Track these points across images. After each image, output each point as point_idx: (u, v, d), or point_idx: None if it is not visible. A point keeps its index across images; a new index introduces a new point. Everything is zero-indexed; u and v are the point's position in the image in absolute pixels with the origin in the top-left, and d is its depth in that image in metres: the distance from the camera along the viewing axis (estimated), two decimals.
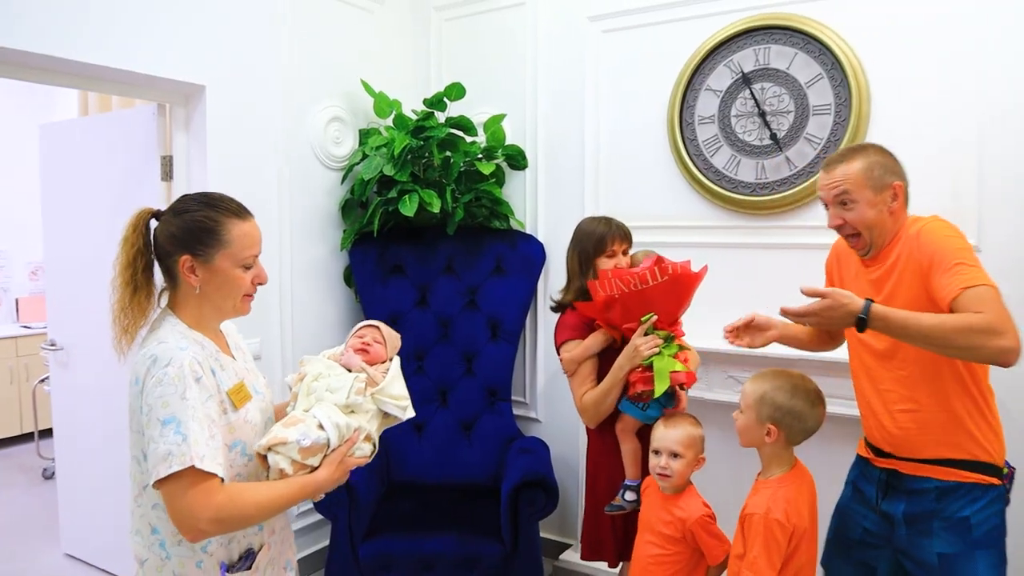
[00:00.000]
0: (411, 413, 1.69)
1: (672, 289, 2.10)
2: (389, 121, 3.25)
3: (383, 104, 3.18)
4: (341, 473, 1.51)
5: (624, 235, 2.34)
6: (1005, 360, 1.51)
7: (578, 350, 2.25)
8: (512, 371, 3.20)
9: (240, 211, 1.53)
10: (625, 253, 2.34)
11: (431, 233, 3.25)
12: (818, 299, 1.63)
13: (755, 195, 2.76)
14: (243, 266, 1.51)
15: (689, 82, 2.86)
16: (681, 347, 2.15)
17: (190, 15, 2.60)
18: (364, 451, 1.57)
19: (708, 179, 2.84)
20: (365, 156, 3.14)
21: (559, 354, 2.32)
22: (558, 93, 3.20)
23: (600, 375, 2.23)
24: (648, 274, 2.07)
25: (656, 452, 2.02)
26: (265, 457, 1.46)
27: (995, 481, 1.72)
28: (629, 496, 2.22)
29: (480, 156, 3.18)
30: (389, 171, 3.00)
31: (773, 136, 2.71)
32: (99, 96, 3.98)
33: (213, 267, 1.48)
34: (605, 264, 2.32)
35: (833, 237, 2.58)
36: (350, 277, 3.25)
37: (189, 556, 1.46)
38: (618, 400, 2.19)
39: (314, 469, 1.49)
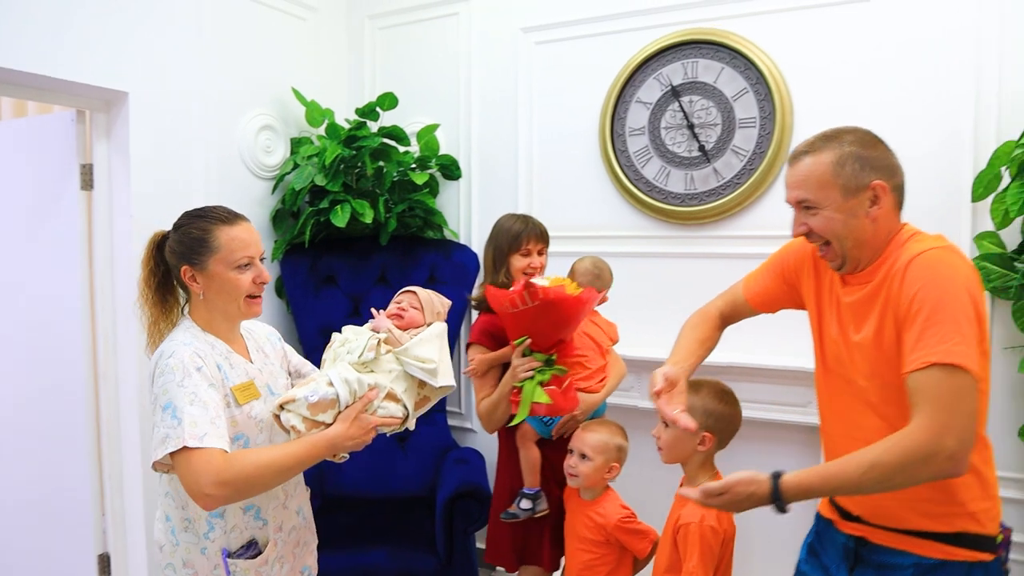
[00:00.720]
0: (445, 380, 1.71)
1: (544, 314, 2.00)
2: (321, 130, 3.20)
3: (315, 113, 3.14)
4: (359, 430, 1.57)
5: (540, 234, 2.35)
6: (948, 477, 1.28)
7: (485, 356, 2.25)
8: None
9: (228, 217, 1.63)
10: (541, 253, 2.35)
11: (364, 243, 3.22)
12: (720, 489, 1.37)
13: (684, 205, 2.81)
14: (237, 267, 1.59)
15: (620, 94, 2.90)
16: (562, 370, 2.08)
17: (110, 18, 2.51)
18: (389, 411, 1.64)
19: (639, 189, 2.88)
20: (296, 166, 3.09)
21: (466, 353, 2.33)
22: (491, 103, 3.20)
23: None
24: (517, 298, 2.01)
25: (569, 451, 2.12)
26: (279, 417, 1.54)
27: (987, 557, 1.40)
28: (524, 504, 2.24)
29: (413, 166, 3.16)
30: (320, 181, 2.96)
31: (701, 148, 2.77)
32: (14, 102, 3.82)
33: (209, 273, 1.58)
34: (519, 263, 2.33)
35: (762, 247, 2.70)
36: (282, 288, 3.19)
37: (194, 543, 1.58)
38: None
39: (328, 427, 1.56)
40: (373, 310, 1.83)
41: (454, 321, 3.17)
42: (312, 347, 3.12)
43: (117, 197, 2.67)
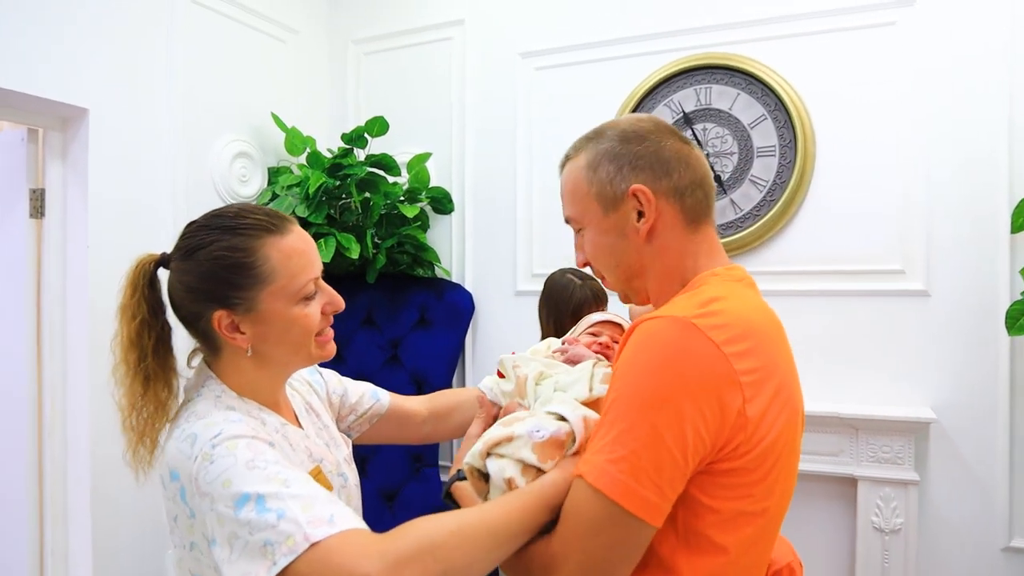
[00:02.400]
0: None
1: None
2: (302, 159, 2.95)
3: (296, 140, 2.89)
4: None
5: (600, 301, 2.10)
6: None
7: None
8: None
9: (273, 223, 1.09)
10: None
11: (348, 281, 2.94)
12: None
13: None
14: (303, 298, 1.08)
15: None
16: None
17: (69, 26, 2.25)
18: None
19: None
20: (275, 196, 2.82)
21: None
22: (488, 132, 3.00)
23: None
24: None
25: None
26: (484, 475, 0.97)
27: None
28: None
29: (402, 198, 2.92)
30: (302, 212, 2.70)
31: (717, 178, 2.60)
32: None
33: (261, 314, 1.05)
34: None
35: (787, 283, 2.52)
36: None
37: None
38: None
39: None
40: (569, 339, 1.36)
41: (445, 368, 2.90)
42: None
43: (72, 226, 2.37)
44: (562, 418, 0.97)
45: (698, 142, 2.62)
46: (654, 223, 1.00)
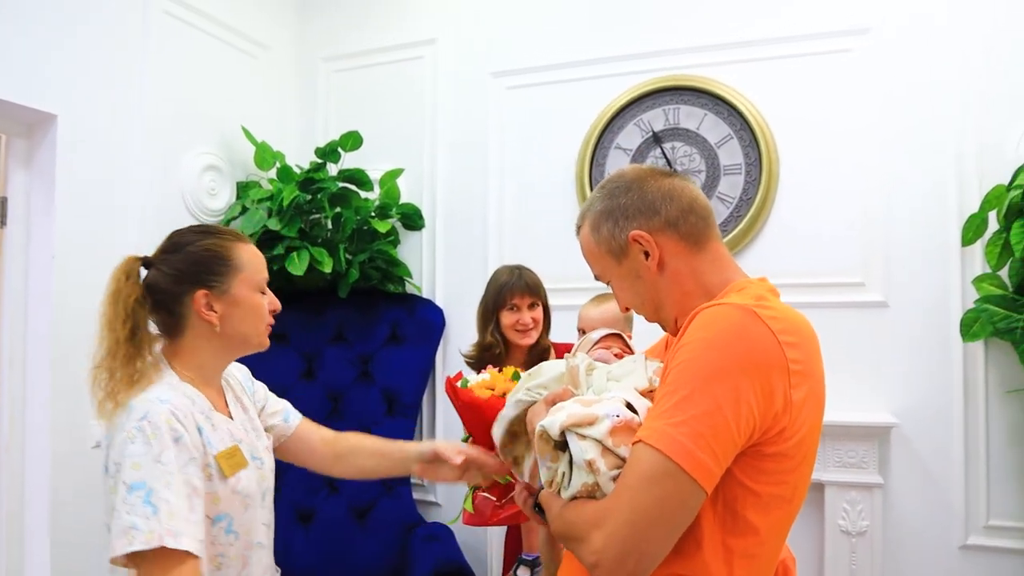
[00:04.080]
0: None
1: (466, 414, 1.85)
2: (271, 174, 2.93)
3: (265, 155, 2.87)
4: None
5: (529, 287, 2.22)
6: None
7: None
8: None
9: (241, 235, 1.44)
10: (532, 307, 2.23)
11: (319, 297, 2.92)
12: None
13: None
14: (260, 291, 1.40)
15: (599, 141, 2.80)
16: (504, 478, 1.87)
17: (38, 28, 2.20)
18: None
19: None
20: (245, 209, 2.79)
21: None
22: (459, 150, 3.04)
23: None
24: (447, 390, 1.91)
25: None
26: (563, 445, 0.98)
27: None
28: (522, 572, 2.02)
29: (373, 214, 2.92)
30: (274, 225, 2.67)
31: None
32: None
33: (232, 296, 1.35)
34: (507, 319, 2.23)
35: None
36: None
37: None
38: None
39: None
40: (597, 355, 1.33)
41: (416, 384, 2.88)
42: None
43: (36, 235, 2.29)
44: (630, 406, 0.99)
45: (667, 160, 2.71)
46: (660, 256, 1.10)
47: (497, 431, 1.24)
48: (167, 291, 1.33)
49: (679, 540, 0.93)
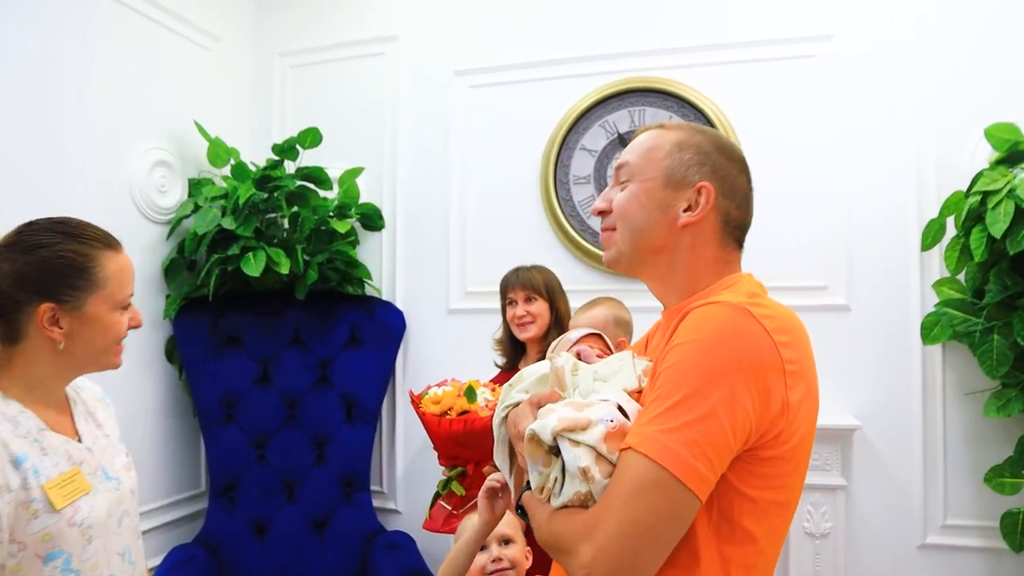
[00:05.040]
0: None
1: (425, 427, 2.01)
2: (225, 171, 2.82)
3: (219, 151, 2.76)
4: None
5: (523, 282, 2.30)
6: None
7: None
8: (371, 456, 2.79)
9: (111, 241, 1.28)
10: (529, 301, 2.29)
11: (275, 299, 2.82)
12: None
13: None
14: (121, 307, 1.26)
15: (563, 141, 2.77)
16: (459, 490, 1.98)
17: None
18: None
19: (586, 240, 2.73)
20: (198, 207, 2.67)
21: None
22: (421, 149, 2.97)
23: None
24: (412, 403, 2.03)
25: (483, 548, 1.61)
26: (555, 450, 0.92)
27: None
28: None
29: (332, 213, 2.83)
30: (229, 224, 2.57)
31: None
32: None
33: (85, 314, 1.20)
34: (508, 314, 2.34)
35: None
36: (173, 351, 2.70)
37: None
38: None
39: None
40: (579, 350, 1.24)
41: (376, 389, 2.81)
42: (212, 419, 2.65)
43: None
44: (620, 409, 0.94)
45: None
46: (696, 222, 1.05)
47: (496, 451, 1.18)
48: (5, 294, 1.18)
49: (673, 552, 0.88)
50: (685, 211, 1.05)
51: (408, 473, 2.93)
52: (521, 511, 1.03)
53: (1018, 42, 2.35)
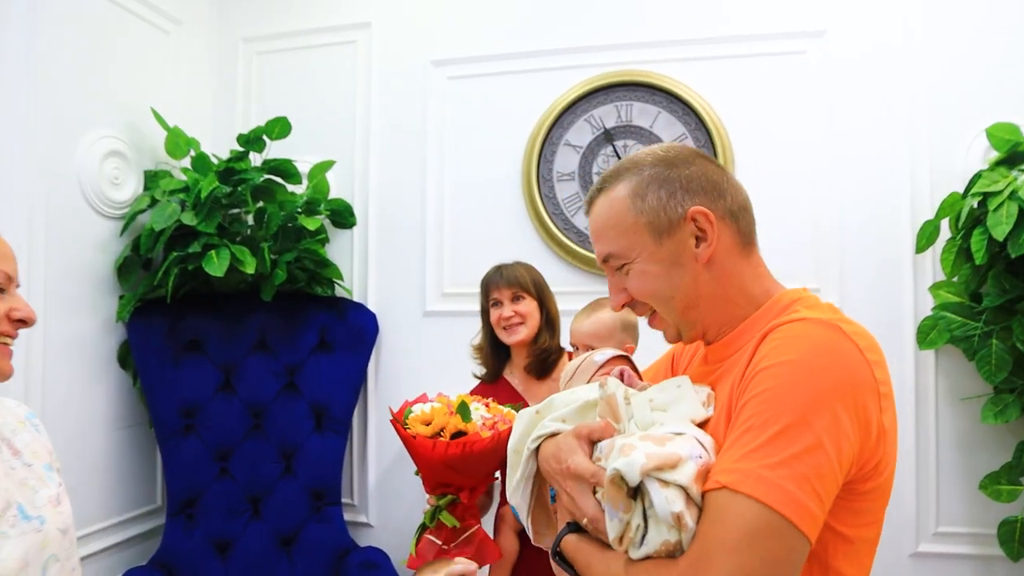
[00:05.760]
0: None
1: (408, 449, 1.73)
2: (184, 162, 2.63)
3: (179, 141, 2.57)
4: None
5: (508, 279, 2.13)
6: None
7: None
8: (342, 467, 2.63)
9: None
10: (516, 300, 2.13)
11: (239, 300, 2.64)
12: None
13: None
14: None
15: (547, 136, 2.65)
16: (451, 522, 1.71)
17: None
18: None
19: (570, 240, 2.61)
20: (155, 201, 2.48)
21: None
22: (395, 143, 2.81)
23: None
24: (392, 423, 1.78)
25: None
26: (632, 492, 0.79)
27: None
28: None
29: (300, 209, 2.66)
30: (190, 220, 2.38)
31: None
32: None
33: None
34: (492, 316, 2.16)
35: None
36: (127, 357, 2.50)
37: None
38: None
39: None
40: (614, 375, 1.12)
41: (347, 396, 2.65)
42: (170, 430, 2.45)
43: None
44: (702, 444, 0.82)
45: (619, 158, 2.59)
46: (715, 248, 0.95)
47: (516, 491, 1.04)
48: None
49: None
50: (698, 245, 0.95)
51: (381, 485, 2.77)
52: (560, 558, 0.90)
53: (1012, 43, 2.31)
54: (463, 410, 1.72)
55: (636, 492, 0.79)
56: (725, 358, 0.96)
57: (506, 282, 2.14)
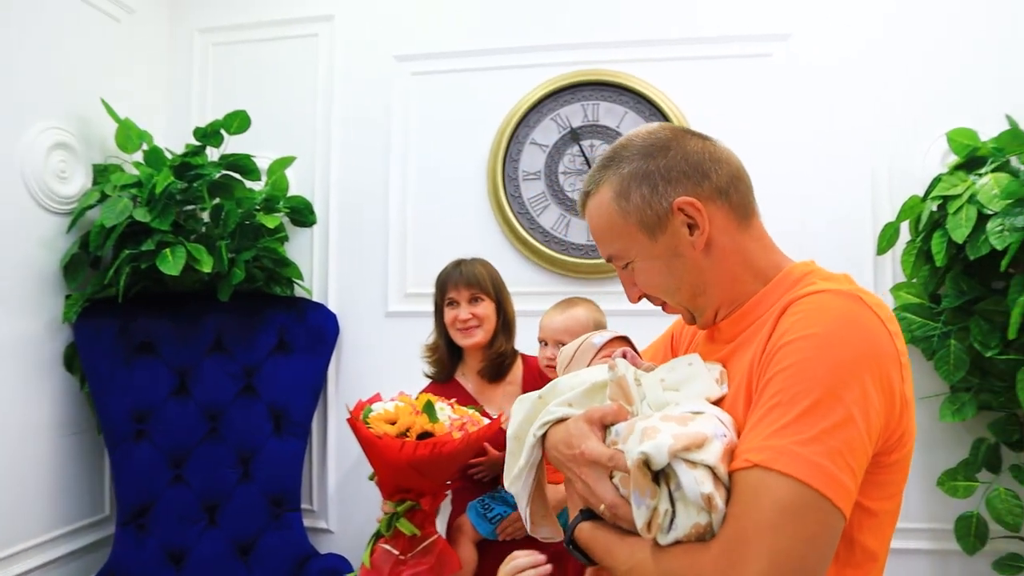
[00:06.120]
0: None
1: (367, 450, 1.68)
2: (136, 156, 2.52)
3: (130, 134, 2.46)
4: None
5: (468, 279, 2.02)
6: None
7: None
8: (301, 472, 2.55)
9: None
10: (474, 302, 2.03)
11: (193, 300, 2.54)
12: None
13: (587, 257, 2.56)
14: None
15: (513, 135, 2.61)
16: (411, 530, 1.65)
17: None
18: None
19: (535, 239, 2.59)
20: (105, 196, 2.37)
21: None
22: (357, 139, 2.75)
23: None
24: (349, 422, 1.72)
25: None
26: (655, 475, 0.77)
27: None
28: None
29: (258, 206, 2.58)
30: (143, 217, 2.28)
31: None
32: None
33: None
34: (447, 316, 2.05)
35: None
36: (74, 359, 2.38)
37: None
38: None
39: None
40: (621, 357, 1.08)
41: (307, 399, 2.57)
42: (120, 435, 2.35)
43: None
44: (723, 423, 0.81)
45: (585, 159, 2.57)
46: (709, 231, 0.93)
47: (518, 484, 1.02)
48: None
49: None
50: (692, 234, 0.94)
51: (341, 489, 2.70)
52: (573, 547, 0.88)
53: (971, 53, 2.36)
54: (429, 410, 1.67)
55: (658, 476, 0.77)
56: (735, 335, 0.94)
57: (465, 281, 2.04)
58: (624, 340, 1.17)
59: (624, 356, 1.04)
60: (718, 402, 0.87)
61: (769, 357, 0.82)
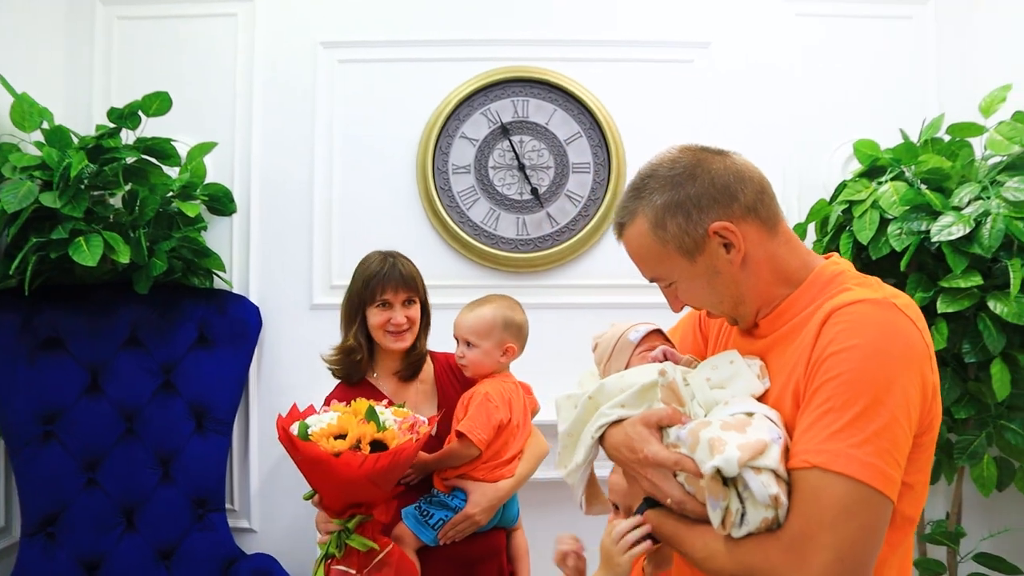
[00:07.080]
0: None
1: (312, 470, 1.54)
2: (36, 135, 2.32)
3: (31, 110, 2.26)
4: None
5: (405, 280, 1.82)
6: None
7: None
8: (225, 472, 2.46)
9: None
10: (407, 304, 1.83)
11: (105, 292, 2.38)
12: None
13: (517, 251, 2.61)
14: None
15: (443, 128, 2.62)
16: (364, 545, 1.56)
17: None
18: None
19: (465, 233, 2.61)
20: (3, 179, 2.17)
21: None
22: (280, 126, 2.65)
23: None
24: (282, 439, 1.55)
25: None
26: (725, 481, 0.88)
27: None
28: None
29: (172, 193, 2.44)
30: (52, 202, 2.11)
31: (534, 191, 2.61)
32: None
33: None
34: (376, 317, 1.82)
35: (600, 296, 2.60)
36: None
37: None
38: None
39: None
40: (660, 356, 1.14)
41: (230, 394, 2.48)
42: (25, 438, 2.18)
43: None
44: (775, 423, 0.91)
45: (515, 154, 2.61)
46: (744, 249, 1.01)
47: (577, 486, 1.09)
48: None
49: None
50: (729, 252, 1.01)
51: (264, 487, 2.62)
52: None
53: (874, 69, 2.60)
54: (373, 416, 1.55)
55: (726, 479, 0.88)
56: (770, 332, 1.04)
57: (404, 283, 1.83)
58: (659, 334, 1.22)
59: (664, 355, 1.11)
60: (762, 396, 0.97)
61: (817, 365, 0.91)
